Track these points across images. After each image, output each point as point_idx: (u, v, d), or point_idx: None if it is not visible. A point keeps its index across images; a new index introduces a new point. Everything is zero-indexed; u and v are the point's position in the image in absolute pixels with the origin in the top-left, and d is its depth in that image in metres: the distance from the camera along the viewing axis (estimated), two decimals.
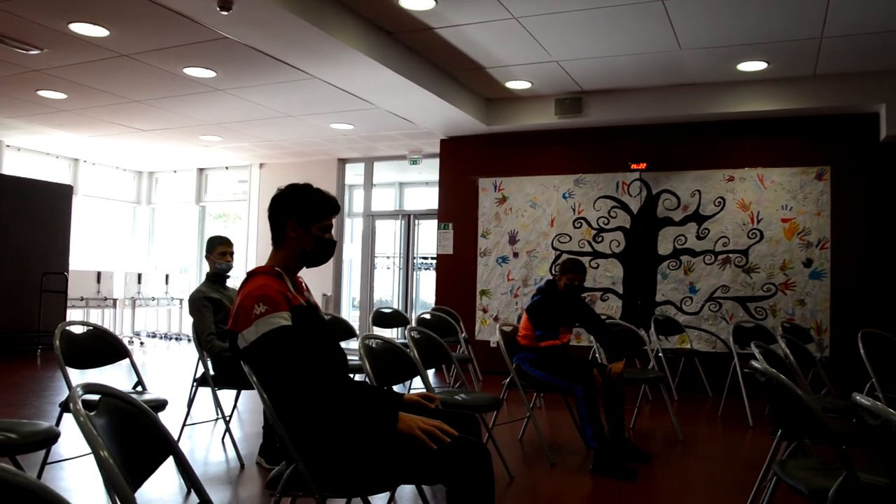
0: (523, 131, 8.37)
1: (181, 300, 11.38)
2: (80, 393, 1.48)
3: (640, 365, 7.00)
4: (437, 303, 8.79)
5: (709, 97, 7.23)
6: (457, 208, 8.88)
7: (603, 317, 7.01)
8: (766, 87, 7.02)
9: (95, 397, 1.56)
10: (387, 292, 11.23)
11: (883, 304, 6.90)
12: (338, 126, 8.60)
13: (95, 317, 10.39)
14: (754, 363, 2.44)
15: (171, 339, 11.25)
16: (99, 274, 10.32)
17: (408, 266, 10.38)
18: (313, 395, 2.15)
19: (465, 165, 8.83)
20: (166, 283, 11.22)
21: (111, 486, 1.31)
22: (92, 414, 1.45)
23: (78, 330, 3.59)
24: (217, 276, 4.68)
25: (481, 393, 4.26)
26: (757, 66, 6.60)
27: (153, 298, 10.92)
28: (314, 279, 10.29)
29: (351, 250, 11.10)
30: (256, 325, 2.19)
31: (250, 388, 4.70)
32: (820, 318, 7.10)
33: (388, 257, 11.12)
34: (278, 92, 7.17)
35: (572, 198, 8.25)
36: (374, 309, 7.37)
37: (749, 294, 7.38)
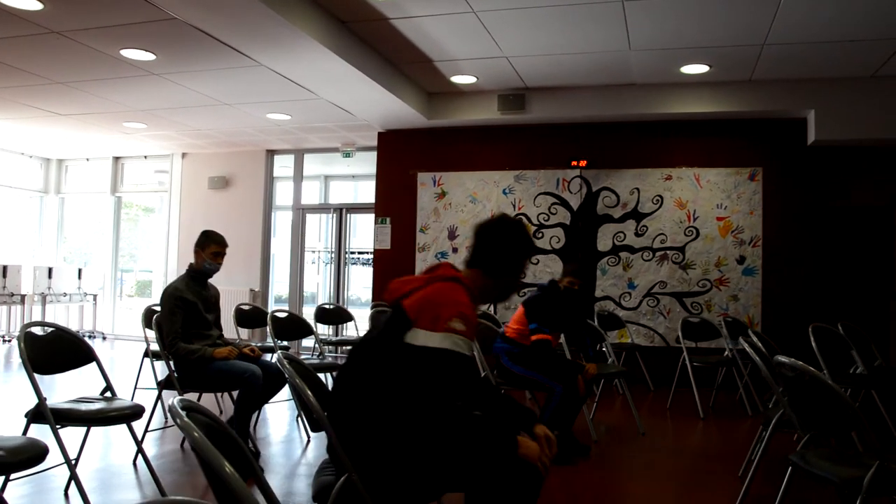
0: (464, 126, 8.34)
1: (95, 296, 10.75)
2: (179, 405, 1.32)
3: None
4: (374, 299, 8.65)
5: (650, 98, 7.41)
6: (394, 202, 8.76)
7: None
8: (704, 90, 7.26)
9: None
10: (312, 287, 10.98)
11: (810, 298, 7.28)
12: (274, 116, 8.31)
13: (1, 314, 9.67)
14: (780, 358, 2.49)
15: (84, 336, 10.58)
16: (5, 268, 9.59)
17: (339, 261, 10.17)
18: (445, 425, 2.05)
19: (403, 159, 8.72)
20: (79, 277, 10.55)
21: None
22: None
23: (39, 331, 3.30)
24: (200, 274, 4.36)
25: None
26: (699, 69, 6.82)
27: (65, 294, 10.25)
28: (241, 273, 9.95)
29: (275, 244, 10.76)
30: (445, 337, 2.03)
31: (213, 391, 4.48)
32: (752, 313, 7.42)
33: (314, 251, 10.89)
34: (219, 79, 6.85)
35: (512, 194, 8.29)
36: (317, 305, 7.17)
37: (685, 290, 7.63)
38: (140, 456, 4.13)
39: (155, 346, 5.46)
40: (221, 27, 5.34)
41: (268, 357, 4.77)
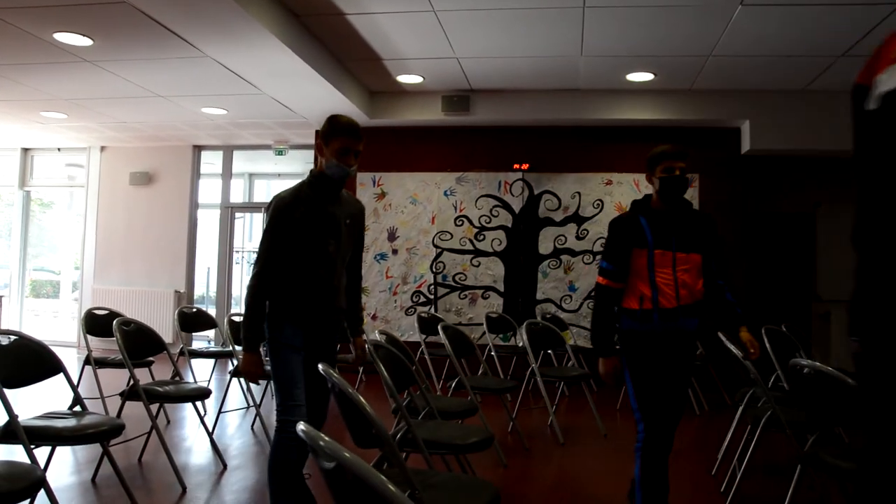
0: (406, 126, 8.25)
1: (0, 297, 10.01)
2: (312, 431, 1.20)
3: (557, 363, 7.05)
4: None
5: (594, 103, 7.54)
6: None
7: (493, 314, 7.16)
8: (647, 98, 7.44)
9: None
10: (236, 289, 10.62)
11: (743, 301, 7.55)
12: (210, 110, 7.96)
13: None
14: (800, 360, 2.55)
15: None
16: None
17: None
18: None
19: None
20: None
21: None
22: None
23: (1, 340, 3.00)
24: (324, 181, 2.98)
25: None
26: (644, 77, 6.98)
27: None
28: (165, 274, 9.49)
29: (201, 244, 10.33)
30: (890, 73, 1.51)
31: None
32: None
33: (238, 251, 10.56)
34: (159, 69, 6.49)
35: (454, 195, 8.26)
36: None
37: None
38: (97, 472, 3.87)
39: (98, 354, 5.13)
40: (173, 14, 5.04)
41: None
